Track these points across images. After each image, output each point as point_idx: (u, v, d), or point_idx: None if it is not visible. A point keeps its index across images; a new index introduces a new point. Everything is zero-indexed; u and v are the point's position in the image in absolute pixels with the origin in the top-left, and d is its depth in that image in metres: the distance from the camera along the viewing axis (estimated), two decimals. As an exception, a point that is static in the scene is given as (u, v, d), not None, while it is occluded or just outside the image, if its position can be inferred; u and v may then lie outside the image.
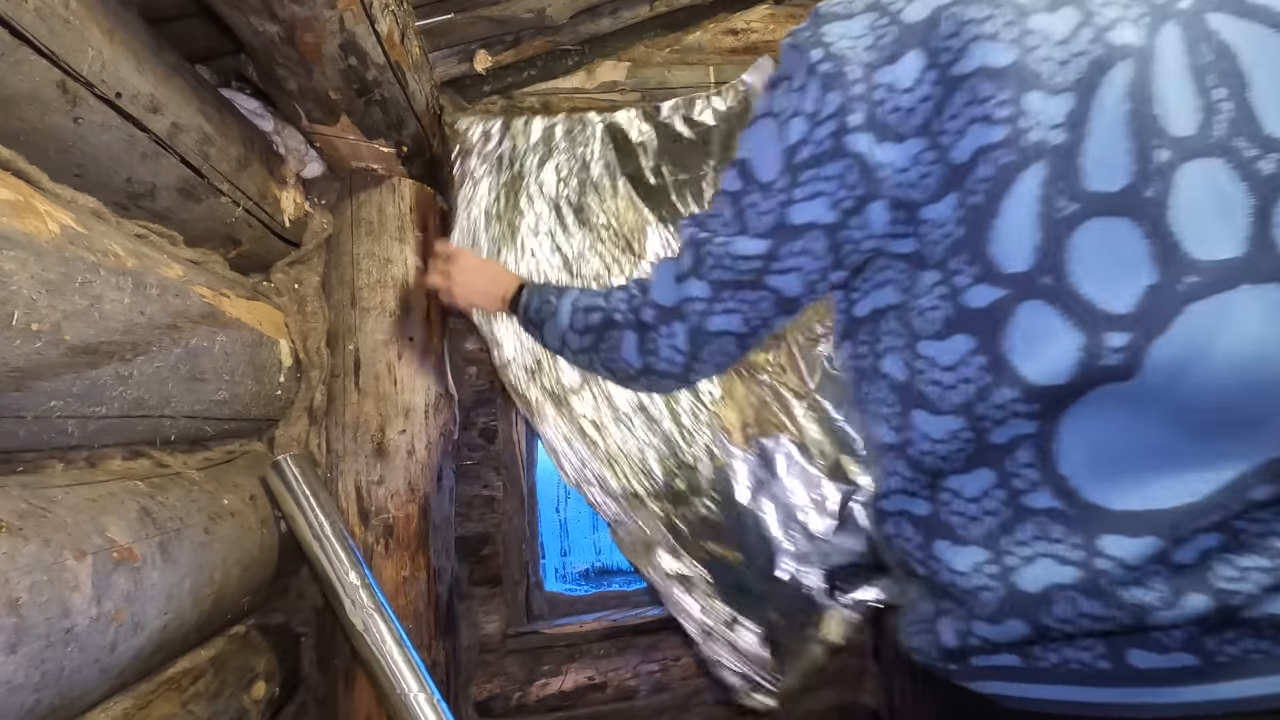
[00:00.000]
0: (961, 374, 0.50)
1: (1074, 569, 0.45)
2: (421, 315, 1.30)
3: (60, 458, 0.76)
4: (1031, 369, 0.47)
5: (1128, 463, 0.45)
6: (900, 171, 0.51)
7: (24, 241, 0.63)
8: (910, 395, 0.53)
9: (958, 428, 0.50)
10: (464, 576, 1.50)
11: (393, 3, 1.02)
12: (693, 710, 1.56)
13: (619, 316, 0.72)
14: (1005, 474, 0.49)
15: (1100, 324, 0.45)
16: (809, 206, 0.56)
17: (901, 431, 0.54)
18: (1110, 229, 0.45)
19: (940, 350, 0.51)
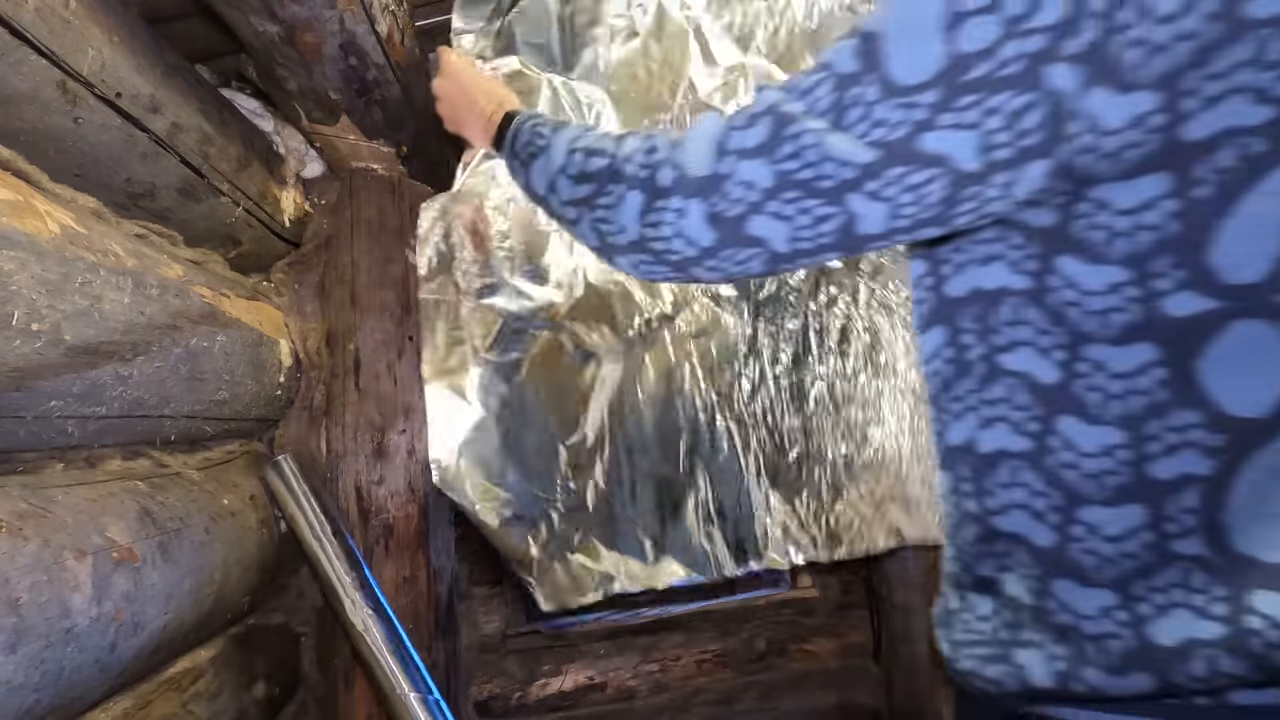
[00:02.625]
0: (1136, 384, 0.41)
1: (1219, 625, 0.39)
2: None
3: (60, 458, 0.76)
4: (1228, 395, 0.39)
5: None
6: (1102, 132, 0.38)
7: (24, 241, 0.63)
8: (1062, 400, 0.44)
9: (1116, 443, 0.42)
10: (464, 576, 1.50)
11: (393, 3, 1.02)
12: (693, 710, 1.56)
13: (629, 169, 0.55)
14: (1160, 515, 0.41)
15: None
16: (950, 138, 0.42)
17: (1040, 439, 0.45)
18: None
19: (1115, 356, 0.42)
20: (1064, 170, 0.40)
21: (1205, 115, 0.37)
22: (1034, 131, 0.40)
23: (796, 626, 1.63)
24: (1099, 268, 0.41)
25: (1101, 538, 0.43)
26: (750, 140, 0.48)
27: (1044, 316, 0.45)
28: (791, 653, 1.62)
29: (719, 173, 0.49)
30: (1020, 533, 0.47)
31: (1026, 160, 0.41)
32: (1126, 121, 0.38)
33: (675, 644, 1.57)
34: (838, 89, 0.45)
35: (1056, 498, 0.45)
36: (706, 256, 0.52)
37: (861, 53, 0.44)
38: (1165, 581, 0.41)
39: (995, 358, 0.48)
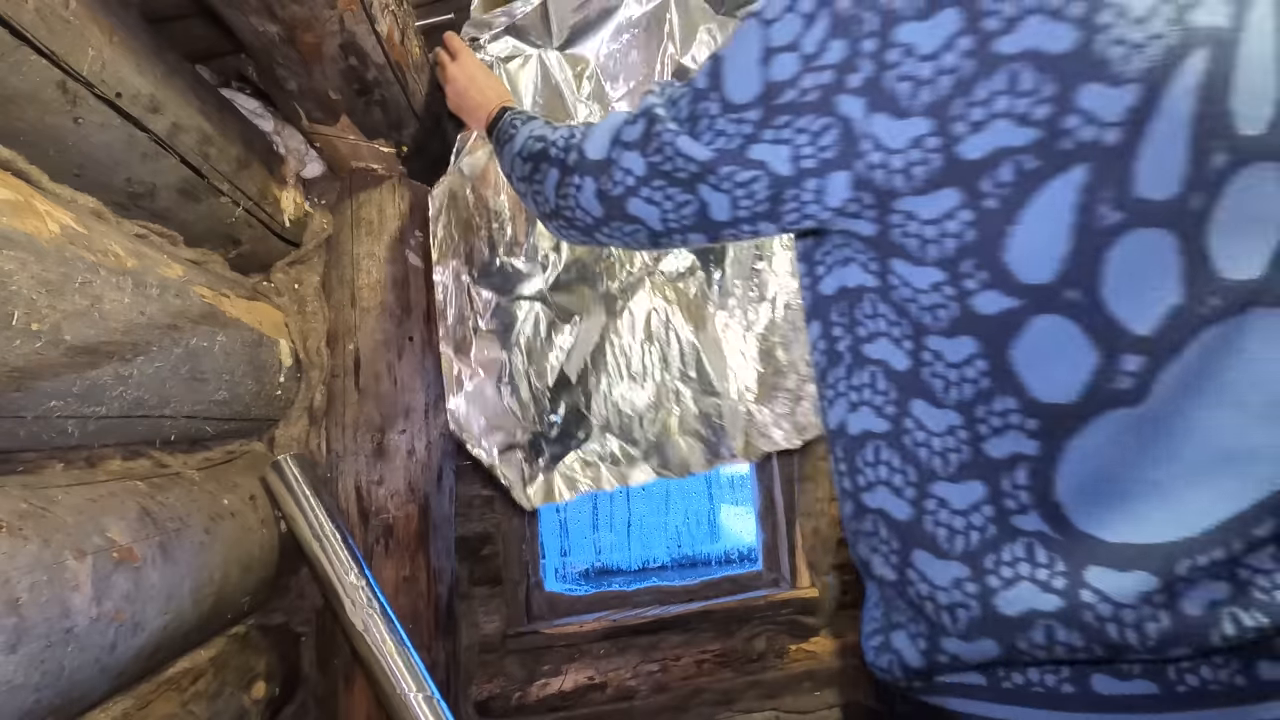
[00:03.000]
0: (965, 372, 0.46)
1: (1056, 598, 0.43)
2: (421, 315, 1.30)
3: (60, 458, 0.76)
4: (1038, 384, 0.44)
5: (1125, 492, 0.43)
6: (889, 152, 0.45)
7: (24, 241, 0.63)
8: (913, 384, 0.49)
9: (957, 424, 0.47)
10: (464, 576, 1.50)
11: (393, 3, 1.02)
12: (692, 710, 1.56)
13: (553, 151, 0.69)
14: (998, 491, 0.46)
15: (1120, 345, 0.42)
16: (769, 149, 0.50)
17: (896, 421, 0.51)
18: (1149, 242, 0.40)
19: (947, 346, 0.47)
20: (864, 182, 0.47)
21: (975, 138, 0.42)
22: (832, 147, 0.47)
23: (796, 626, 1.63)
24: (921, 269, 0.47)
25: (950, 510, 0.48)
26: (630, 136, 0.59)
27: (892, 310, 0.50)
28: (791, 653, 1.62)
29: (609, 158, 0.60)
30: (883, 508, 0.52)
31: (829, 170, 0.48)
32: (907, 143, 0.44)
33: (675, 644, 1.57)
34: (693, 101, 0.54)
35: (911, 474, 0.50)
36: (601, 225, 0.64)
37: (711, 73, 0.53)
38: (1012, 556, 0.45)
39: (859, 347, 0.53)
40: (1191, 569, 0.41)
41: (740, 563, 1.83)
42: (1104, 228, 0.40)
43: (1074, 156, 0.40)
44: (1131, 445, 0.42)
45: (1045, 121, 0.40)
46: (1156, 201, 0.40)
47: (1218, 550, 0.41)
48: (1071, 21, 0.39)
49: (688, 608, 1.58)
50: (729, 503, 2.02)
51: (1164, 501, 0.42)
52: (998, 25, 0.40)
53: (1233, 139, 0.39)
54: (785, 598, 1.61)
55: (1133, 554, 0.42)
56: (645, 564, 1.86)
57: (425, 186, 1.36)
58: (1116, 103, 0.39)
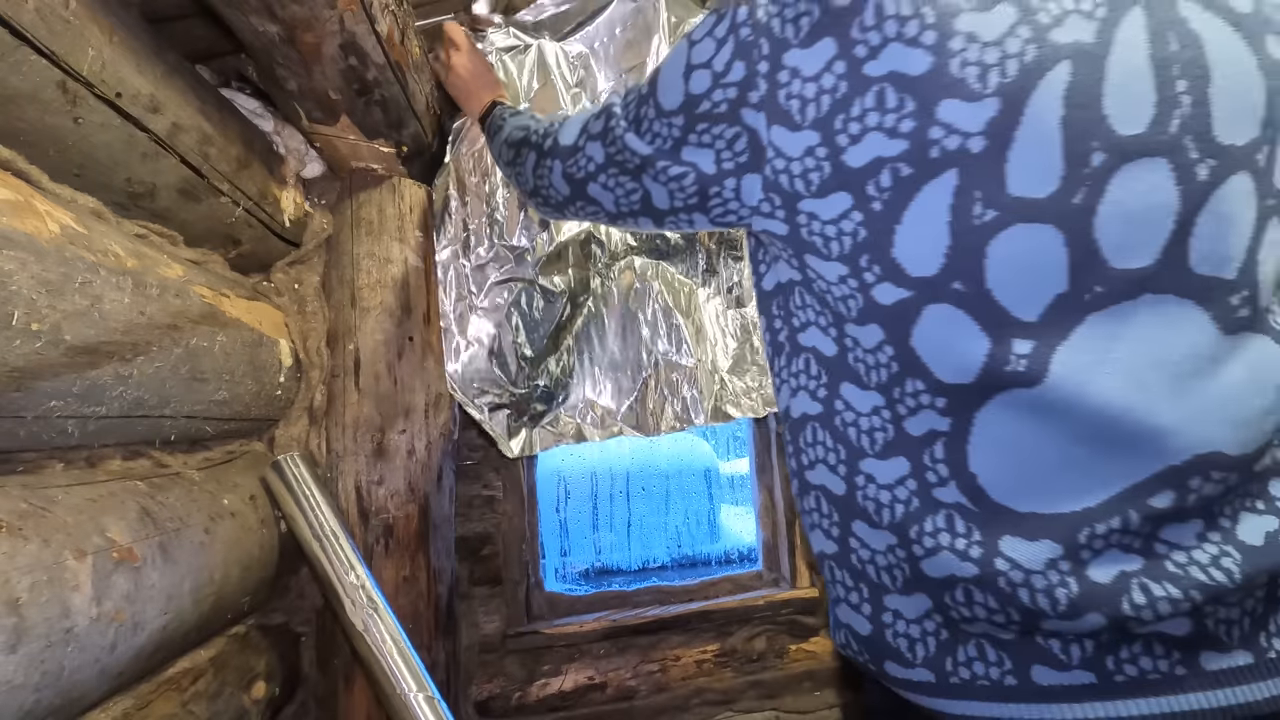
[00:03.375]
0: (878, 357, 0.51)
1: (972, 565, 0.47)
2: (421, 315, 1.30)
3: (60, 458, 0.76)
4: (938, 366, 0.48)
5: (1033, 467, 0.46)
6: (788, 159, 0.50)
7: (24, 241, 0.63)
8: (841, 369, 0.54)
9: (880, 404, 0.51)
10: (464, 576, 1.50)
11: (393, 3, 1.02)
12: (693, 710, 1.56)
13: (534, 138, 0.78)
14: (919, 465, 0.50)
15: (1009, 330, 0.45)
16: (695, 151, 0.57)
17: (828, 403, 0.55)
18: (1032, 236, 0.44)
19: (861, 333, 0.52)
20: (772, 185, 0.53)
21: (855, 148, 0.47)
22: (744, 153, 0.54)
23: (796, 626, 1.63)
24: (829, 264, 0.51)
25: (878, 485, 0.52)
26: (594, 128, 0.67)
27: (816, 301, 0.55)
28: (791, 653, 1.62)
29: (576, 145, 0.69)
30: (823, 484, 0.57)
31: (744, 173, 0.55)
32: (801, 152, 0.50)
33: (675, 644, 1.57)
34: (638, 105, 0.62)
35: (843, 452, 0.54)
36: (568, 203, 0.73)
37: (651, 81, 0.61)
38: (934, 526, 0.49)
39: (795, 336, 0.59)
40: (1091, 537, 0.45)
41: (740, 563, 1.83)
42: (981, 225, 0.44)
43: (943, 163, 0.44)
44: (1035, 423, 0.46)
45: (912, 134, 0.45)
46: (1034, 199, 0.43)
47: (1115, 519, 0.44)
48: (925, 48, 0.44)
49: (688, 608, 1.58)
50: (729, 503, 2.02)
51: (1064, 474, 0.45)
52: (865, 52, 0.46)
53: (1111, 139, 0.43)
54: (785, 598, 1.61)
55: (1039, 523, 0.46)
56: (645, 564, 1.86)
57: (425, 186, 1.36)
58: (976, 115, 0.43)
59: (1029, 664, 0.47)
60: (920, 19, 0.44)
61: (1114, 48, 0.43)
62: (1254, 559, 0.44)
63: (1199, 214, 0.44)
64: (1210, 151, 0.44)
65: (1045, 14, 0.43)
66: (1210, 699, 0.43)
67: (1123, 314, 0.44)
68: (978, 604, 0.47)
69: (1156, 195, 0.43)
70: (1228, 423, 0.44)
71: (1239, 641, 0.45)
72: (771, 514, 1.74)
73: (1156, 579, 0.44)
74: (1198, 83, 0.43)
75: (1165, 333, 0.44)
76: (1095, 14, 0.43)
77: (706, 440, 2.10)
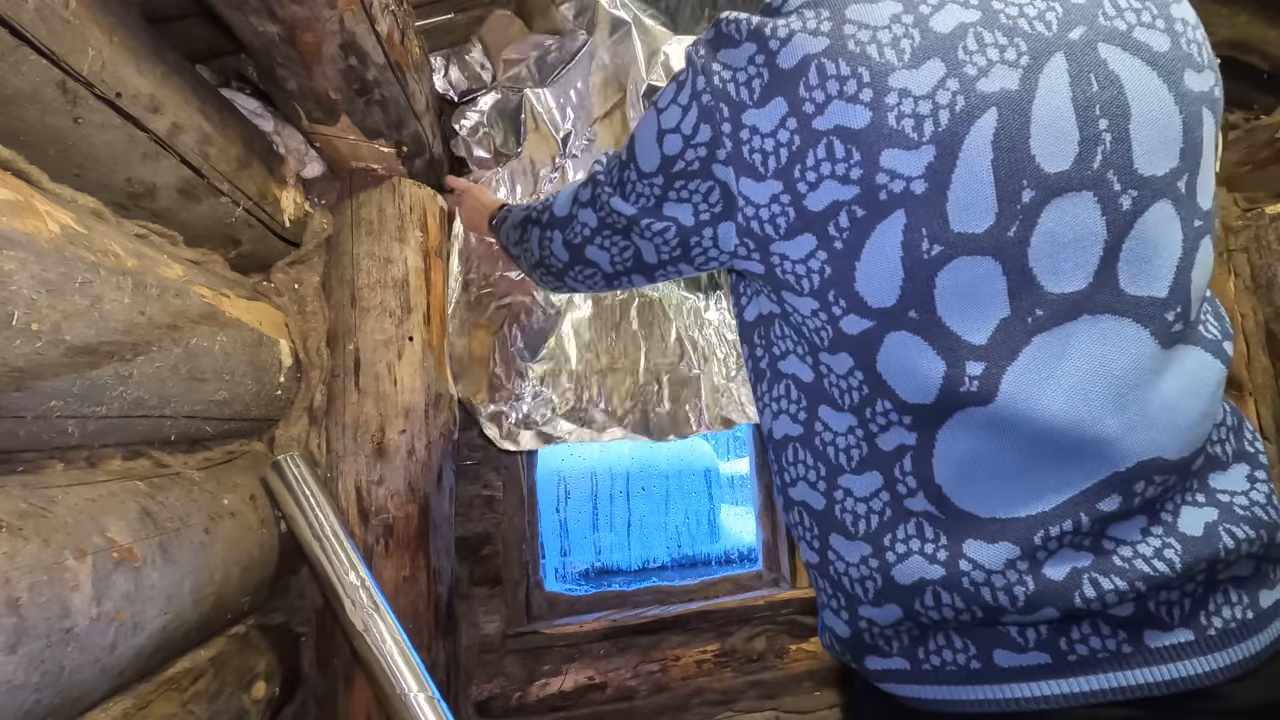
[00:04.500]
0: (850, 381, 0.55)
1: (939, 568, 0.51)
2: (421, 315, 1.30)
3: (60, 458, 0.76)
4: (902, 389, 0.52)
5: (991, 476, 0.50)
6: (757, 206, 0.55)
7: (24, 241, 0.63)
8: (818, 393, 0.59)
9: (854, 424, 0.56)
10: (464, 576, 1.50)
11: (393, 3, 1.02)
12: (693, 710, 1.56)
13: (534, 214, 0.84)
14: (891, 478, 0.54)
15: (962, 353, 0.49)
16: (675, 206, 0.62)
17: (808, 425, 0.60)
18: (974, 267, 0.48)
19: (833, 361, 0.56)
20: (745, 230, 0.57)
21: (814, 194, 0.51)
22: (718, 203, 0.58)
23: (796, 626, 1.63)
24: (802, 299, 0.56)
25: (855, 499, 0.56)
26: (584, 196, 0.72)
27: (793, 331, 0.60)
28: (791, 653, 1.62)
29: (571, 214, 0.74)
30: (805, 500, 0.61)
31: (719, 221, 0.59)
32: (768, 199, 0.54)
33: (675, 644, 1.57)
34: (620, 170, 0.66)
35: (823, 469, 0.59)
36: (567, 269, 0.78)
37: (628, 148, 0.65)
38: (905, 534, 0.53)
39: (776, 364, 0.63)
40: (1045, 539, 0.49)
41: (740, 563, 1.83)
42: (929, 259, 0.49)
43: (891, 205, 0.48)
44: (991, 437, 0.50)
45: (861, 180, 0.49)
46: (973, 234, 0.48)
47: (1067, 521, 0.48)
48: (864, 104, 0.48)
49: (688, 608, 1.58)
50: (729, 503, 2.02)
51: (1020, 482, 0.50)
52: (812, 109, 0.50)
53: (1039, 176, 0.47)
54: (785, 598, 1.61)
55: (998, 528, 0.50)
56: (645, 564, 1.86)
57: (425, 186, 1.36)
58: (915, 161, 0.47)
59: (991, 648, 0.51)
60: (858, 78, 0.48)
61: (1038, 93, 0.47)
62: (1193, 549, 0.48)
63: (1125, 240, 0.48)
64: (1132, 183, 0.48)
65: (972, 66, 0.47)
66: (1155, 674, 0.48)
67: (1065, 334, 0.49)
68: (945, 605, 0.51)
69: (1084, 225, 0.48)
70: (1168, 429, 0.49)
71: (1180, 620, 0.49)
72: (771, 514, 1.74)
73: (1105, 573, 0.48)
74: (1118, 120, 0.48)
75: (1105, 349, 0.49)
76: (1019, 63, 0.47)
77: (706, 440, 2.10)
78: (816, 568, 0.61)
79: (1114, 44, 0.49)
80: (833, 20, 0.50)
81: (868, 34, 0.49)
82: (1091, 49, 0.48)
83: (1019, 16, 0.49)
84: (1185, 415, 0.50)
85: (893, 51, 0.48)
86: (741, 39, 0.54)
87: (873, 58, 0.48)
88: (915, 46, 0.48)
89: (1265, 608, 0.50)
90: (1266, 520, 0.51)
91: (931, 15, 0.49)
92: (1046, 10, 0.49)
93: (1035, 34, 0.48)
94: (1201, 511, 0.50)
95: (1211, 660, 0.48)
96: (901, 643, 0.55)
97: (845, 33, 0.49)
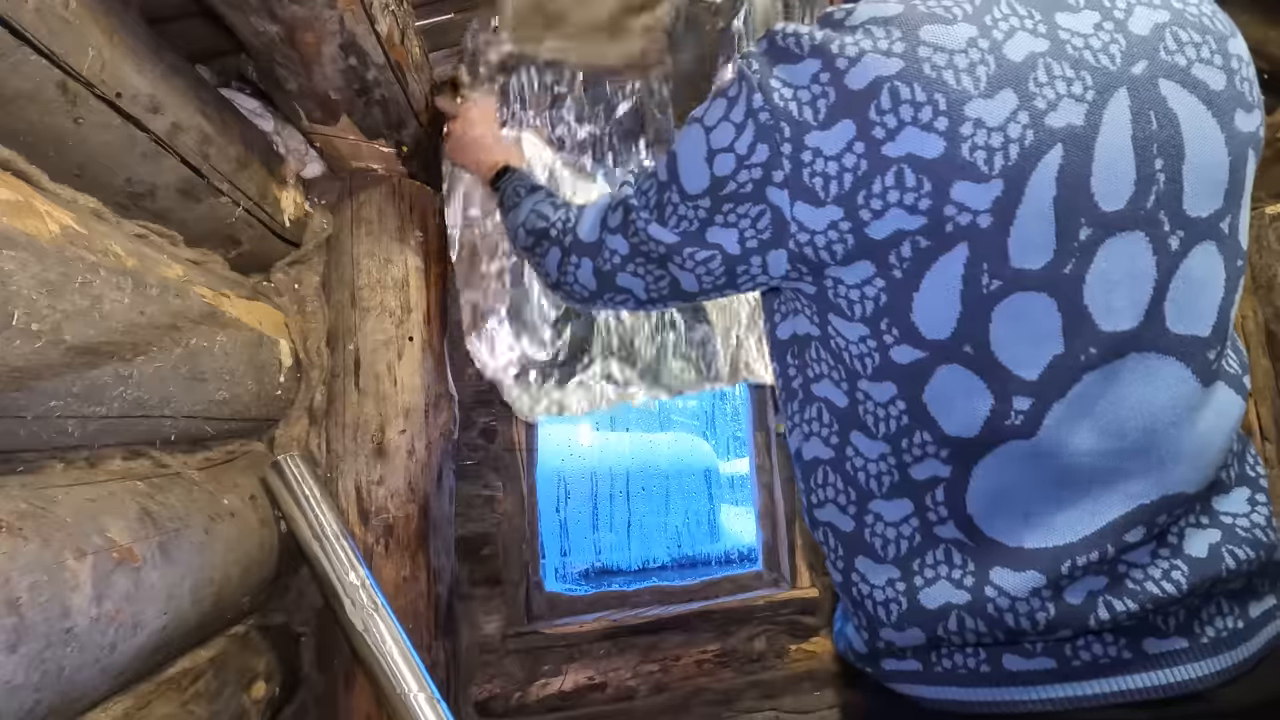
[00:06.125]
0: (889, 411, 0.55)
1: (966, 593, 0.52)
2: (422, 315, 1.30)
3: (60, 458, 0.76)
4: (946, 421, 0.52)
5: (1024, 507, 0.51)
6: (812, 233, 0.53)
7: (24, 241, 0.63)
8: (852, 419, 0.58)
9: (887, 452, 0.56)
10: (464, 576, 1.50)
11: (393, 3, 1.02)
12: (693, 710, 1.56)
13: (554, 232, 0.78)
14: (922, 506, 0.55)
15: (1011, 388, 0.50)
16: (721, 232, 0.59)
17: (839, 449, 0.59)
18: (1030, 303, 0.48)
19: (874, 389, 0.55)
20: (798, 256, 0.55)
21: (878, 222, 0.49)
22: (767, 229, 0.55)
23: (796, 626, 1.63)
24: (851, 324, 0.55)
25: (885, 523, 0.57)
26: (613, 222, 0.68)
27: (831, 356, 0.58)
28: (791, 653, 1.62)
29: (599, 240, 0.70)
30: (831, 521, 0.61)
31: (769, 249, 0.56)
32: (825, 226, 0.52)
33: (675, 644, 1.57)
34: (659, 192, 0.63)
35: (852, 494, 0.59)
36: (595, 297, 0.74)
37: (669, 168, 0.62)
38: (933, 560, 0.54)
39: (809, 386, 0.62)
40: (1072, 568, 0.50)
41: (740, 563, 1.83)
42: (987, 294, 0.49)
43: (956, 237, 0.48)
44: (1027, 469, 0.51)
45: (929, 210, 0.48)
46: (1031, 270, 0.48)
47: (1094, 553, 0.50)
48: (939, 133, 0.47)
49: (688, 608, 1.58)
50: (729, 503, 2.02)
51: (1052, 514, 0.51)
52: (883, 134, 0.48)
53: (1096, 215, 0.47)
54: (785, 598, 1.61)
55: (1026, 557, 0.51)
56: (645, 564, 1.86)
57: (425, 186, 1.36)
58: (984, 195, 0.47)
59: (1000, 654, 0.53)
60: (934, 105, 0.47)
61: (1101, 129, 0.47)
62: (1198, 570, 0.50)
63: (1171, 280, 0.49)
64: (1180, 223, 0.49)
65: (1041, 99, 0.47)
66: (1152, 678, 0.50)
67: (1112, 372, 0.49)
68: (968, 630, 0.52)
69: (1136, 264, 0.48)
70: (1195, 465, 0.51)
71: (1176, 629, 0.51)
72: (771, 514, 1.74)
73: (1118, 596, 0.50)
74: (1172, 160, 0.48)
75: (1147, 388, 0.50)
76: (1085, 97, 0.47)
77: (706, 440, 2.10)
78: (840, 587, 0.61)
79: (1174, 80, 0.49)
80: (906, 41, 0.48)
81: (944, 58, 0.47)
82: (1153, 85, 0.48)
83: (1084, 48, 0.48)
84: (1212, 450, 0.51)
85: (969, 79, 0.47)
86: (804, 54, 0.51)
87: (949, 84, 0.47)
88: (990, 75, 0.47)
89: (1254, 617, 0.53)
90: (1265, 541, 0.53)
91: (1005, 42, 0.47)
92: (1110, 42, 0.48)
93: (1100, 67, 0.48)
94: (1206, 533, 0.52)
95: (1204, 666, 0.50)
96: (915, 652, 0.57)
97: (920, 55, 0.47)
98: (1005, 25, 0.48)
